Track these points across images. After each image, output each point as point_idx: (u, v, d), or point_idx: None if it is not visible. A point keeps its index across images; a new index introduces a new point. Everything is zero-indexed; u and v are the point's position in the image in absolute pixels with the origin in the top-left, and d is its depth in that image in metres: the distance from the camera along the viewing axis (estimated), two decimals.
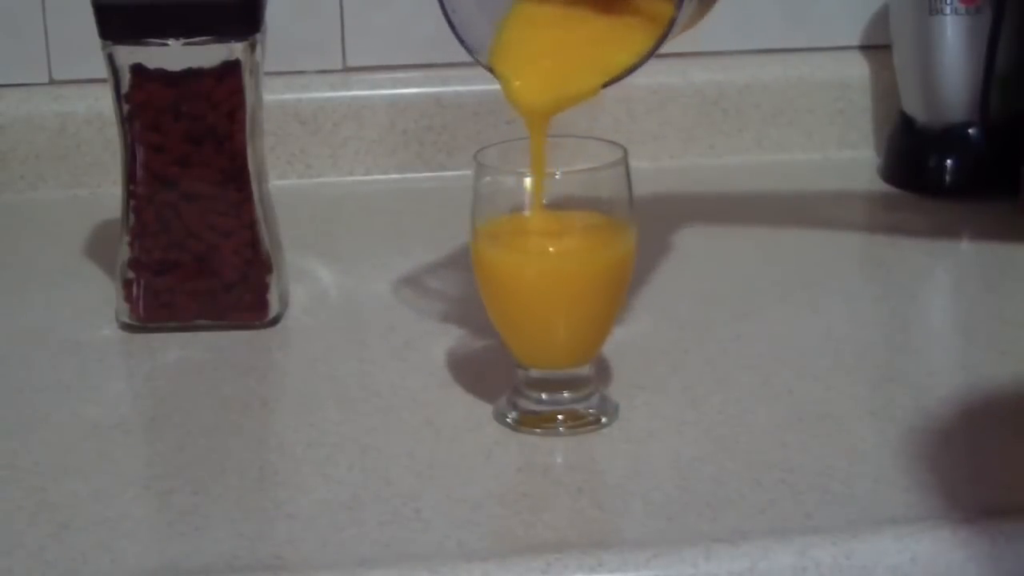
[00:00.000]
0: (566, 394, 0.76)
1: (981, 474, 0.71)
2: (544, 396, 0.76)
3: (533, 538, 0.67)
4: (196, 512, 0.69)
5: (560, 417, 0.75)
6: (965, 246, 1.04)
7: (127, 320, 0.89)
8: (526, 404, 0.76)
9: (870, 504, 0.68)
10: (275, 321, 0.89)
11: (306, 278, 0.96)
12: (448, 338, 0.86)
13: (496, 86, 0.76)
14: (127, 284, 0.88)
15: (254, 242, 0.88)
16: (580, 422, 0.75)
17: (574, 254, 0.74)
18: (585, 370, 0.76)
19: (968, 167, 1.09)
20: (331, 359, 0.85)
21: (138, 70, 0.85)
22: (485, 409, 0.78)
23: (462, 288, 0.93)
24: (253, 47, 0.86)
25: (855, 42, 1.19)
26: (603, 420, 0.76)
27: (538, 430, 0.75)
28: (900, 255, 0.99)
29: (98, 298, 0.92)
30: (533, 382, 0.76)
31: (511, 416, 0.76)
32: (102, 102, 1.00)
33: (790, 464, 0.72)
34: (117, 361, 0.87)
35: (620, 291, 0.76)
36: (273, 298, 0.89)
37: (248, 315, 0.88)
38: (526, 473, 0.73)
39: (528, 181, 0.74)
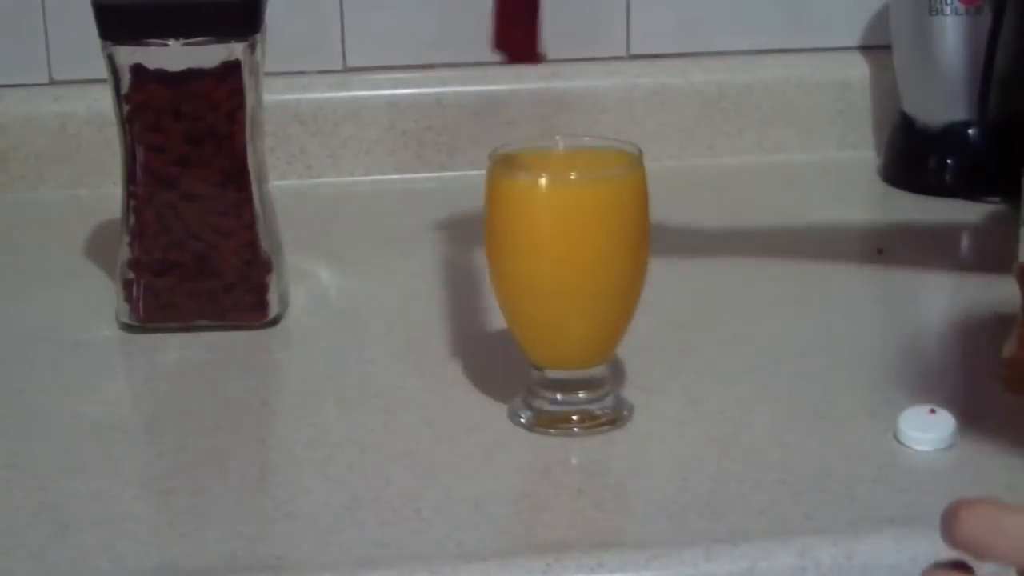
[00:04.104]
0: (581, 395, 0.76)
1: (981, 474, 0.71)
2: (559, 396, 0.76)
3: (533, 538, 0.67)
4: (196, 512, 0.69)
5: (575, 418, 0.75)
6: (965, 246, 1.04)
7: (127, 320, 0.88)
8: (541, 404, 0.76)
9: (870, 504, 0.68)
10: (275, 321, 0.89)
11: (306, 278, 0.96)
12: (448, 338, 0.86)
13: (495, 86, 0.76)
14: (127, 284, 0.88)
15: (254, 242, 0.88)
16: (595, 423, 0.75)
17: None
18: (600, 371, 0.76)
19: (968, 167, 1.09)
20: (331, 359, 0.85)
21: (138, 70, 0.85)
22: (485, 409, 0.78)
23: (462, 288, 0.93)
24: (253, 47, 0.86)
25: (855, 42, 1.19)
26: (617, 421, 0.76)
27: (552, 430, 0.75)
28: (900, 255, 0.99)
29: (98, 298, 0.92)
30: (548, 383, 0.76)
31: (525, 416, 0.76)
32: (102, 102, 1.00)
33: (790, 464, 0.72)
34: (117, 361, 0.87)
35: (636, 267, 0.75)
36: (273, 298, 0.89)
37: (248, 315, 0.88)
38: (526, 473, 0.73)
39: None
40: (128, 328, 0.89)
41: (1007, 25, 1.05)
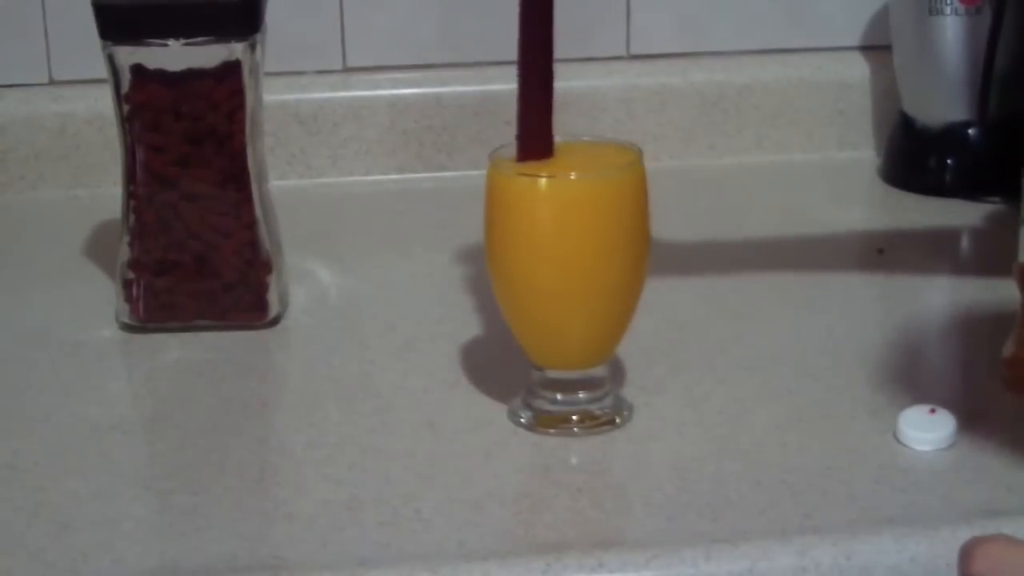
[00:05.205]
0: (581, 395, 0.76)
1: (981, 474, 0.71)
2: (559, 396, 0.76)
3: (533, 538, 0.67)
4: (196, 512, 0.69)
5: (575, 418, 0.75)
6: (965, 246, 1.04)
7: (127, 320, 0.89)
8: (541, 404, 0.76)
9: (870, 504, 0.68)
10: (275, 321, 0.89)
11: (306, 278, 0.96)
12: (448, 338, 0.86)
13: (495, 86, 0.76)
14: (127, 284, 0.88)
15: (254, 242, 0.88)
16: (595, 423, 0.75)
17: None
18: (600, 371, 0.76)
19: (968, 167, 1.09)
20: (331, 359, 0.85)
21: (138, 70, 0.85)
22: (485, 409, 0.78)
23: (462, 288, 0.93)
24: (253, 47, 0.86)
25: (855, 42, 1.19)
26: (617, 421, 0.76)
27: (552, 430, 0.75)
28: (900, 255, 0.99)
29: (98, 298, 0.92)
30: (548, 383, 0.76)
31: (525, 416, 0.76)
32: (102, 102, 1.00)
33: (790, 464, 0.72)
34: (117, 361, 0.87)
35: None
36: (273, 298, 0.89)
37: (248, 315, 0.88)
38: (526, 473, 0.73)
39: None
40: (128, 328, 0.89)
41: (1007, 25, 1.05)
